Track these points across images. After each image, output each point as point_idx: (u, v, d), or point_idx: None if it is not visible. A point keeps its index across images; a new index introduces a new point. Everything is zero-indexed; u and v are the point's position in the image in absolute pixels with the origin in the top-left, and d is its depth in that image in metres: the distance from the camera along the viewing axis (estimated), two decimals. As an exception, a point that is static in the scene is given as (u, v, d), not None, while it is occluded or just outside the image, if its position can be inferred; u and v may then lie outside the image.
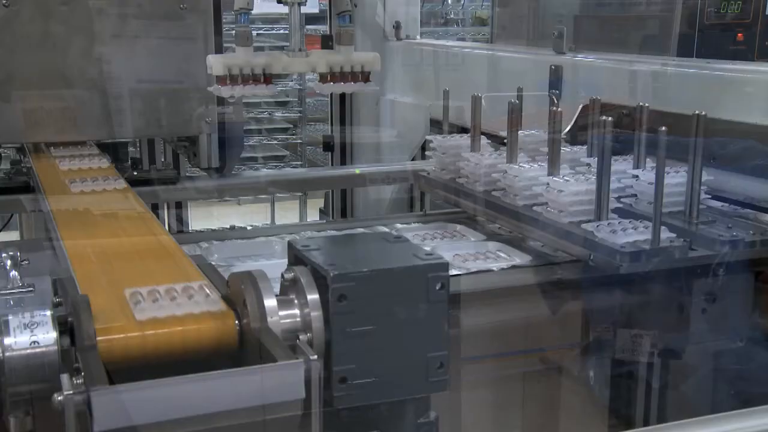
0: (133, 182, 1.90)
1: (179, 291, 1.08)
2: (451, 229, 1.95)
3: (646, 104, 1.68)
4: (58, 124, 2.06)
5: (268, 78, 1.65)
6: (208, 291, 1.09)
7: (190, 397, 0.90)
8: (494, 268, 1.62)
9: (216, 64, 1.62)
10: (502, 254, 1.72)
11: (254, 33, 1.68)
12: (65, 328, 0.97)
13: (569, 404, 1.79)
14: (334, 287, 1.03)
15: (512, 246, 1.74)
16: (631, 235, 1.47)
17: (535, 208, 1.67)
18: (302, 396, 0.93)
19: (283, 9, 1.69)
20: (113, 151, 2.19)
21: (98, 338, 0.96)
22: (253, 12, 1.63)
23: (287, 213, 6.23)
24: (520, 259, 1.68)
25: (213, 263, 1.36)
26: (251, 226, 2.06)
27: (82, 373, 0.89)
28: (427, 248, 1.49)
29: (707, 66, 1.96)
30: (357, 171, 2.63)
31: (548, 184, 1.64)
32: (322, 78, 1.71)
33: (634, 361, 1.67)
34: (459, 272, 1.58)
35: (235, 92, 1.64)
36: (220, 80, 1.62)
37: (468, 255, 1.70)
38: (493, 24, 3.99)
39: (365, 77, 1.73)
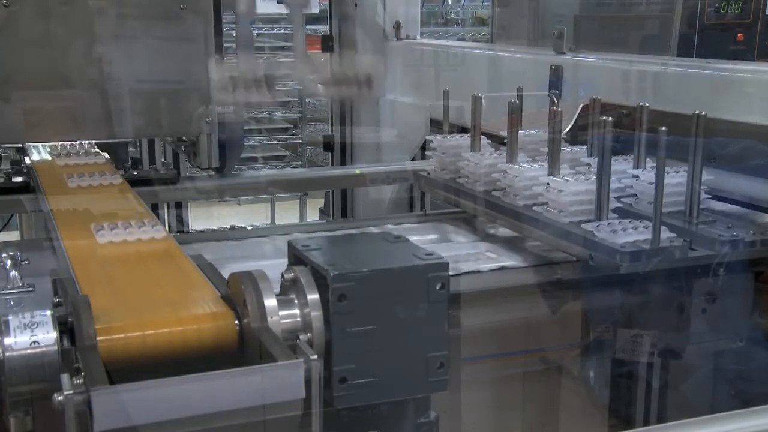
0: (133, 182, 1.90)
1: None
2: (450, 230, 1.95)
3: (646, 104, 1.68)
4: (57, 124, 2.06)
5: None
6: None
7: (190, 397, 0.90)
8: (493, 268, 1.62)
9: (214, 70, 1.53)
10: (501, 254, 1.72)
11: (254, 33, 1.67)
12: (65, 328, 0.97)
13: (569, 404, 1.79)
14: (334, 287, 1.03)
15: (511, 246, 1.75)
16: (631, 234, 1.47)
17: (535, 208, 1.67)
18: (302, 396, 0.93)
19: (284, 9, 1.67)
20: (113, 151, 2.19)
21: (98, 338, 0.96)
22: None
23: (287, 213, 6.23)
24: (518, 259, 1.68)
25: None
26: (251, 226, 2.06)
27: (82, 373, 0.89)
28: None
29: (707, 66, 1.96)
30: (357, 171, 2.62)
31: (548, 184, 1.64)
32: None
33: (634, 361, 1.67)
34: (458, 272, 1.58)
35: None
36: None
37: (467, 255, 1.70)
38: (493, 24, 4.00)
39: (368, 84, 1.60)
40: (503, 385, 1.76)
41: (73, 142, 2.02)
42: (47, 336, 0.94)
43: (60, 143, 2.09)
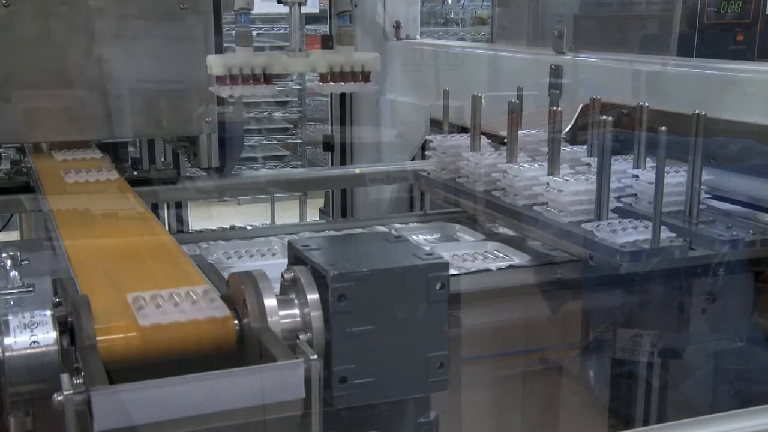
0: (133, 182, 1.90)
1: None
2: (450, 230, 1.95)
3: (646, 104, 1.68)
4: (58, 123, 2.06)
5: (268, 78, 1.64)
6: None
7: (190, 397, 0.90)
8: (493, 268, 1.62)
9: (216, 64, 1.62)
10: (501, 254, 1.72)
11: (254, 33, 1.68)
12: (65, 328, 0.97)
13: (569, 404, 1.79)
14: (334, 287, 1.03)
15: (511, 246, 1.75)
16: (631, 234, 1.47)
17: (535, 207, 1.67)
18: (302, 396, 0.93)
19: (283, 9, 1.68)
20: (113, 151, 2.19)
21: (98, 338, 0.96)
22: (253, 12, 1.63)
23: (287, 213, 6.23)
24: (519, 259, 1.68)
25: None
26: (251, 226, 2.06)
27: (82, 373, 0.89)
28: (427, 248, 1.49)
29: (707, 66, 1.96)
30: (357, 171, 2.62)
31: (548, 183, 1.64)
32: (323, 78, 1.70)
33: (634, 361, 1.67)
34: (459, 272, 1.58)
35: (234, 92, 1.63)
36: (220, 80, 1.62)
37: (467, 255, 1.70)
38: (493, 24, 4.00)
39: (365, 77, 1.72)
40: (503, 385, 1.76)
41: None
42: (47, 336, 0.94)
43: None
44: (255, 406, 0.92)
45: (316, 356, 0.95)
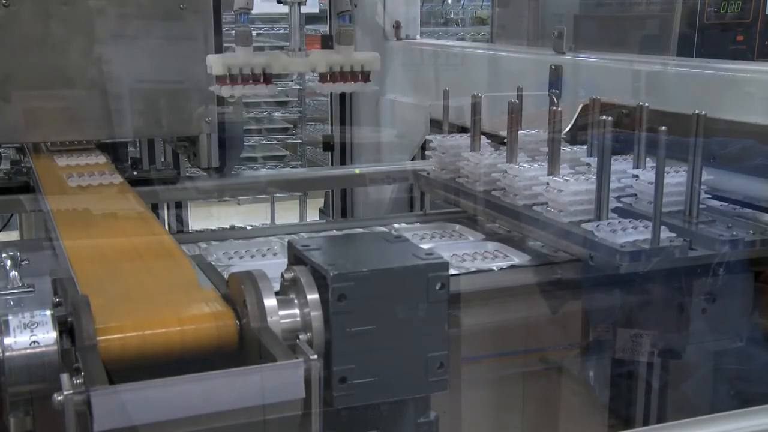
0: (133, 182, 1.90)
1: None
2: (450, 229, 1.95)
3: (646, 104, 1.68)
4: (57, 124, 2.06)
5: (268, 78, 1.64)
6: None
7: (190, 397, 0.90)
8: (494, 268, 1.62)
9: (215, 63, 1.62)
10: (501, 254, 1.72)
11: (254, 33, 1.68)
12: (65, 328, 0.97)
13: (569, 404, 1.79)
14: (334, 287, 1.03)
15: (511, 246, 1.75)
16: (631, 234, 1.47)
17: (535, 207, 1.67)
18: (302, 396, 0.93)
19: (284, 9, 1.68)
20: (113, 151, 2.19)
21: (98, 338, 0.96)
22: (253, 12, 1.63)
23: (287, 213, 6.23)
24: (518, 258, 1.68)
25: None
26: (251, 226, 2.06)
27: (82, 373, 0.89)
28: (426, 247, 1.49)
29: (707, 66, 1.96)
30: (357, 171, 2.62)
31: (548, 183, 1.64)
32: (322, 78, 1.70)
33: (634, 361, 1.67)
34: (458, 272, 1.58)
35: (234, 92, 1.63)
36: (220, 80, 1.62)
37: (466, 255, 1.70)
38: (493, 24, 4.00)
39: (365, 77, 1.72)
40: (503, 385, 1.76)
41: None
42: (47, 336, 0.94)
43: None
44: (255, 406, 0.92)
45: (316, 356, 0.95)
